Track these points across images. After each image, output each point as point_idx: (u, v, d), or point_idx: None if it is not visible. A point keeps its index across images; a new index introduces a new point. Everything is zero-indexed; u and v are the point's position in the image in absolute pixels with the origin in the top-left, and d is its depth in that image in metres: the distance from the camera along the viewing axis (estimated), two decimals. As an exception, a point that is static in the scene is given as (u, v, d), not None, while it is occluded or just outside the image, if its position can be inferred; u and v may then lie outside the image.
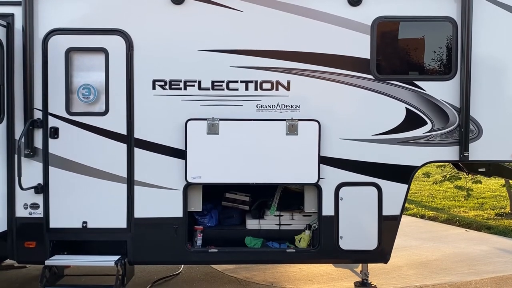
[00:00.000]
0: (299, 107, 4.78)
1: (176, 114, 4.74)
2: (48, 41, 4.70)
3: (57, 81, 4.70)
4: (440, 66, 4.91)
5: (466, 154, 4.79)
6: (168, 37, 4.74)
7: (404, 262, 6.57)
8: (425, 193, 11.94)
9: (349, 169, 4.81)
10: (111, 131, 4.74)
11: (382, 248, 4.86)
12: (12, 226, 4.74)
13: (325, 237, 4.83)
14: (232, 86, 4.77)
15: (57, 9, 4.71)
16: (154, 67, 4.74)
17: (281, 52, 4.75)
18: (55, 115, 4.72)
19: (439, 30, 4.82)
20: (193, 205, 4.88)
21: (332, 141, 4.78)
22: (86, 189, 4.74)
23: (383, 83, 4.79)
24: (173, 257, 4.89)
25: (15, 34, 4.68)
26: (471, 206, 10.23)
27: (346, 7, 4.76)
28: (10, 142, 4.71)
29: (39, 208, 4.75)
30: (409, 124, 4.80)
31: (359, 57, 4.77)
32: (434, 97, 4.80)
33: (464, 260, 6.71)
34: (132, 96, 4.73)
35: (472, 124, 4.81)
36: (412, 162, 4.83)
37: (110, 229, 4.76)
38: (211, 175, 4.75)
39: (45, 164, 4.72)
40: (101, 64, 4.71)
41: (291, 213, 5.26)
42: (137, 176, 4.76)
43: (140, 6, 4.74)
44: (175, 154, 4.75)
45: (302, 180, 4.83)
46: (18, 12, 4.66)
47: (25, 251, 4.76)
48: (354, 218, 4.84)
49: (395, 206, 4.85)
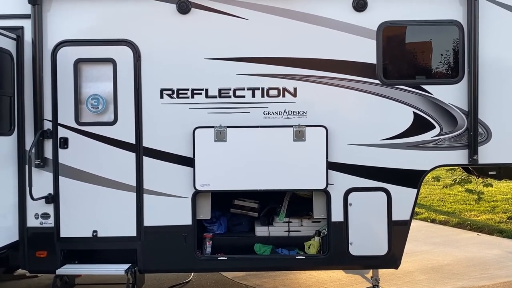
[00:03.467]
0: (306, 113, 4.79)
1: (183, 122, 4.77)
2: (57, 53, 4.77)
3: (66, 91, 4.76)
4: (447, 70, 4.89)
5: (475, 158, 4.75)
6: (175, 46, 4.79)
7: (415, 267, 6.52)
8: (436, 197, 11.85)
9: (357, 175, 4.80)
10: (120, 140, 4.78)
11: (393, 253, 4.83)
12: (24, 236, 4.79)
13: (334, 243, 4.81)
14: (239, 93, 4.79)
15: (65, 21, 4.78)
16: (162, 76, 4.78)
17: (287, 58, 4.77)
18: (65, 125, 4.78)
19: (445, 34, 4.81)
20: (202, 212, 4.90)
21: (340, 146, 4.78)
22: (95, 198, 4.78)
23: (390, 87, 4.79)
24: (183, 265, 4.90)
25: (24, 46, 4.76)
26: (482, 210, 10.13)
27: (352, 13, 4.78)
28: (21, 153, 4.77)
29: (50, 217, 4.79)
30: (417, 128, 4.79)
31: (365, 62, 4.78)
32: (441, 100, 4.78)
33: (477, 264, 6.64)
34: (140, 105, 4.77)
35: (481, 127, 4.78)
36: (421, 166, 4.81)
37: (120, 237, 4.79)
38: (219, 182, 4.77)
39: (55, 174, 4.77)
40: (109, 74, 4.76)
41: (300, 219, 5.25)
42: (146, 185, 4.79)
43: (147, 16, 4.79)
44: (183, 162, 4.78)
45: (311, 186, 4.82)
46: (28, 25, 4.74)
47: (37, 260, 4.80)
48: (364, 224, 4.82)
49: (404, 211, 4.82)
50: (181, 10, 4.76)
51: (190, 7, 4.76)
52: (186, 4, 4.75)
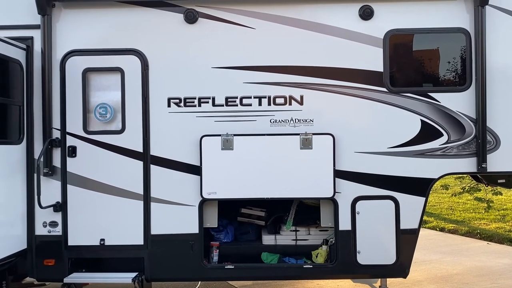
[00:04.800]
0: (313, 121, 4.79)
1: (190, 131, 4.79)
2: (65, 62, 4.82)
3: (75, 101, 4.81)
4: (454, 77, 4.88)
5: (484, 166, 4.72)
6: (182, 56, 4.82)
7: (424, 276, 6.45)
8: (444, 206, 11.74)
9: (365, 183, 4.78)
10: (128, 148, 4.81)
11: (401, 262, 4.79)
12: (32, 244, 4.82)
13: (342, 252, 4.78)
14: (245, 101, 4.81)
15: (74, 31, 4.84)
16: (169, 85, 4.81)
17: (293, 67, 4.79)
18: (73, 134, 4.82)
19: (452, 42, 4.80)
20: (209, 221, 4.89)
21: (347, 154, 4.76)
22: (103, 206, 4.80)
23: (397, 95, 4.78)
24: (189, 273, 4.89)
25: (34, 56, 4.82)
26: (492, 218, 10.02)
27: (358, 21, 4.79)
28: (30, 161, 4.82)
29: (58, 226, 4.82)
30: (425, 136, 4.76)
31: (372, 70, 4.78)
32: (449, 108, 4.76)
33: (487, 274, 6.55)
34: (148, 114, 4.80)
35: (489, 135, 4.75)
36: (429, 174, 4.78)
37: (127, 246, 4.80)
38: (226, 190, 4.77)
39: (63, 183, 4.80)
40: (117, 83, 4.80)
41: (307, 228, 5.23)
42: (153, 193, 4.80)
43: (155, 26, 4.84)
44: (190, 170, 4.79)
45: (318, 195, 4.81)
46: (37, 35, 4.81)
47: (45, 268, 4.82)
48: (372, 232, 4.79)
49: (413, 219, 4.78)
50: (188, 20, 4.80)
51: (197, 17, 4.80)
52: (193, 14, 4.79)
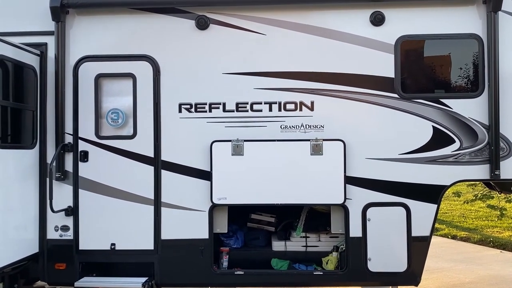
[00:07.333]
0: (324, 127, 4.78)
1: (201, 136, 4.81)
2: (78, 68, 4.88)
3: (87, 106, 4.86)
4: (466, 84, 4.84)
5: (497, 173, 4.66)
6: (194, 62, 4.85)
7: (436, 285, 6.37)
8: (456, 213, 11.61)
9: (376, 189, 4.75)
10: (139, 154, 4.84)
11: (412, 270, 4.74)
12: (44, 248, 4.86)
13: (353, 259, 4.75)
14: (256, 107, 4.82)
15: (87, 38, 4.91)
16: (180, 91, 4.84)
17: (304, 73, 4.79)
18: (85, 139, 4.86)
19: (464, 47, 4.77)
20: (219, 226, 4.90)
21: (358, 160, 4.74)
22: (114, 211, 4.83)
23: (408, 101, 4.75)
24: (199, 279, 4.88)
25: (48, 62, 4.89)
26: (505, 226, 9.88)
27: (369, 27, 4.78)
28: (42, 166, 4.87)
29: (69, 230, 4.86)
30: (437, 142, 4.73)
31: (383, 76, 4.76)
32: (461, 114, 4.72)
33: (500, 282, 6.46)
34: (159, 119, 4.83)
35: (502, 141, 4.69)
36: (441, 181, 4.73)
37: (137, 251, 4.81)
38: (236, 196, 4.77)
39: (75, 187, 4.85)
40: (129, 89, 4.85)
41: (317, 234, 5.21)
42: (164, 198, 4.82)
43: (166, 32, 4.88)
44: (201, 176, 4.80)
45: (328, 201, 4.79)
46: (51, 41, 4.88)
47: (56, 272, 4.86)
48: (383, 239, 4.75)
49: (424, 227, 4.73)
50: (200, 26, 4.84)
51: (209, 23, 4.84)
52: (204, 20, 4.83)
